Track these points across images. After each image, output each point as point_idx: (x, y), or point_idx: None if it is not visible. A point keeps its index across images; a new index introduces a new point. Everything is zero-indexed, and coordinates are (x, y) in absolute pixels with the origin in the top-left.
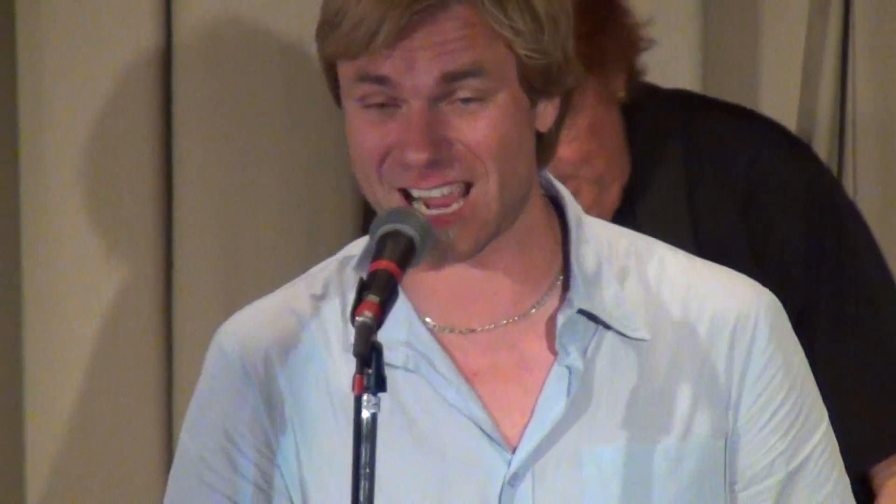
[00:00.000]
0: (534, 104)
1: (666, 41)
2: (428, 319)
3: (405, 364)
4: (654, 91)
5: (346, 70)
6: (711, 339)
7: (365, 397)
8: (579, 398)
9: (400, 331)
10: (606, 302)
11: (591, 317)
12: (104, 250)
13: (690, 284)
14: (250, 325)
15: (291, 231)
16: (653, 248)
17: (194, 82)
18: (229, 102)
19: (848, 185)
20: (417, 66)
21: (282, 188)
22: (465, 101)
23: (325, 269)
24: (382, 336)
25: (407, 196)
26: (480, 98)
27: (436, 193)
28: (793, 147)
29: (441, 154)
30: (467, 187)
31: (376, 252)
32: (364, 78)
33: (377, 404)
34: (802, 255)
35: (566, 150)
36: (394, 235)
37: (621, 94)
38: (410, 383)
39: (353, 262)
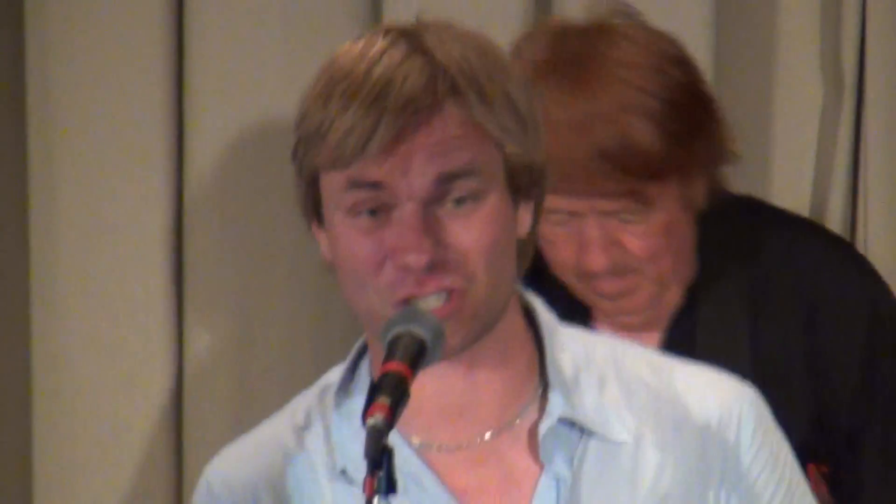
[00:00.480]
0: (516, 207)
1: None
2: (413, 439)
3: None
4: (722, 196)
5: (333, 181)
6: (697, 439)
7: (376, 500)
8: None
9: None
10: (587, 408)
11: (574, 424)
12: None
13: (672, 385)
14: (237, 463)
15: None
16: (630, 352)
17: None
18: (243, 173)
19: (860, 249)
20: (413, 169)
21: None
22: (459, 201)
23: (305, 399)
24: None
25: (405, 303)
26: (474, 198)
27: (432, 301)
28: (857, 265)
29: (440, 256)
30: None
31: (388, 354)
32: (356, 185)
33: None
34: (859, 375)
35: (636, 244)
36: (405, 337)
37: (700, 202)
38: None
39: (333, 389)
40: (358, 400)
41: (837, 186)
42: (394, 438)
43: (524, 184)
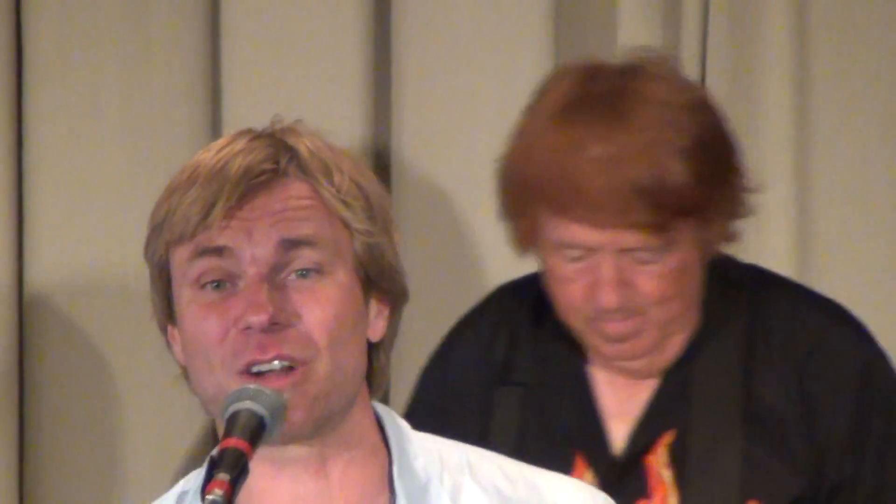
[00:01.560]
0: (366, 301)
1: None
2: None
3: None
4: (728, 259)
5: (180, 255)
6: None
7: None
8: None
9: None
10: None
11: None
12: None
13: (531, 490)
14: None
15: None
16: (486, 457)
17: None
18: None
19: None
20: (255, 235)
21: None
22: (303, 274)
23: (178, 486)
24: None
25: (249, 375)
26: (318, 270)
27: (276, 365)
28: (856, 329)
29: (281, 318)
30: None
31: (226, 431)
32: (201, 252)
33: None
34: (848, 428)
35: (648, 284)
36: (244, 414)
37: (715, 249)
38: None
39: (189, 496)
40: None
41: None
42: None
43: (375, 275)
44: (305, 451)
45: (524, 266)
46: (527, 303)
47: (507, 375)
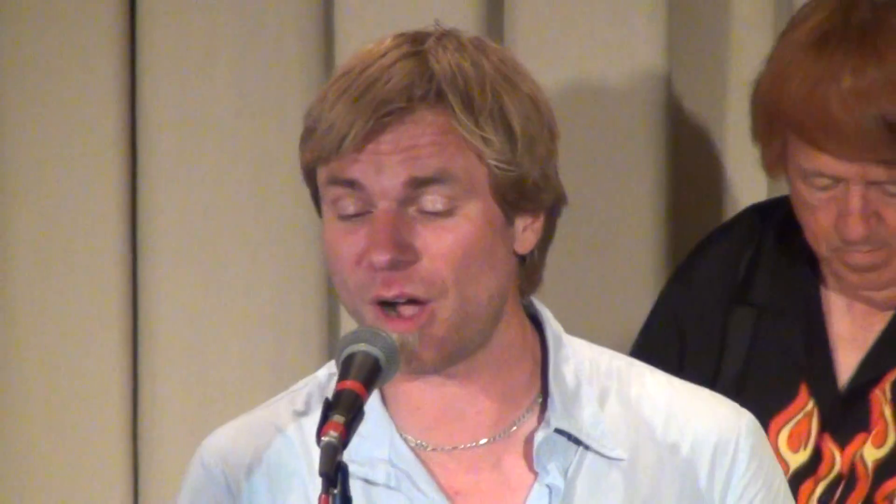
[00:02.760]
0: (510, 221)
1: (633, 134)
2: (409, 437)
3: (387, 482)
4: None
5: (321, 174)
6: (692, 461)
7: None
8: None
9: (381, 448)
10: (584, 422)
11: (571, 437)
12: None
13: (672, 406)
14: (233, 440)
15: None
16: (634, 369)
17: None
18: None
19: None
20: (385, 170)
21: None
22: (432, 211)
23: (307, 386)
24: (365, 453)
25: (382, 305)
26: (447, 208)
27: (400, 301)
28: None
29: (404, 257)
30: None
31: (342, 372)
32: (334, 181)
33: None
34: None
35: (892, 218)
36: (359, 356)
37: None
38: (392, 501)
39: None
40: None
41: None
42: (390, 434)
43: (515, 199)
44: (448, 369)
45: None
46: (773, 224)
47: (745, 295)
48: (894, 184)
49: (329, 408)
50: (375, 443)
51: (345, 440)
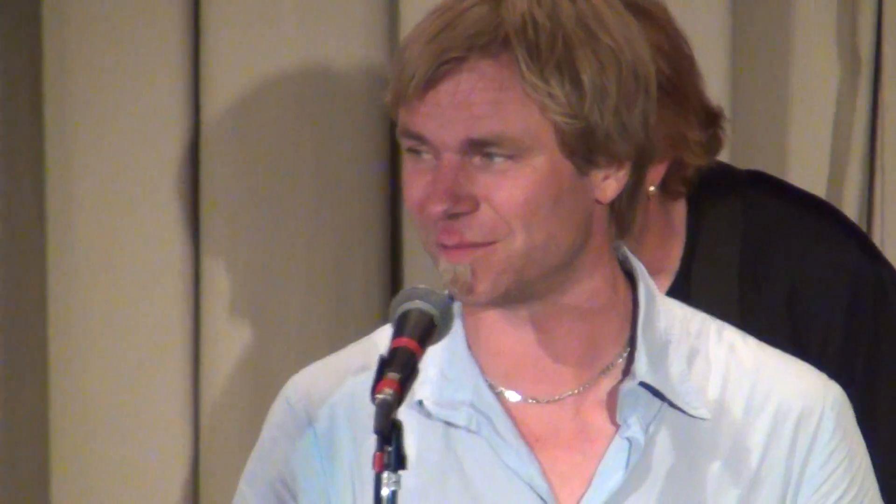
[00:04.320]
0: (583, 172)
1: None
2: (493, 383)
3: (468, 424)
4: (730, 171)
5: (399, 117)
6: (775, 427)
7: (385, 475)
8: (638, 471)
9: (465, 391)
10: (671, 378)
11: (656, 392)
12: (133, 253)
13: (758, 371)
14: (318, 379)
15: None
16: (725, 332)
17: (222, 147)
18: (257, 173)
19: (877, 228)
20: (444, 125)
21: (310, 261)
22: (495, 158)
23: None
24: (448, 395)
25: (443, 248)
26: (510, 157)
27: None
28: (844, 236)
29: (460, 209)
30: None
31: (396, 329)
32: (406, 133)
33: (398, 482)
34: (840, 342)
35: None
36: (414, 313)
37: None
38: (471, 444)
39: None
40: (449, 339)
41: (854, 165)
42: (474, 377)
43: (586, 151)
44: (524, 311)
45: None
46: None
47: None
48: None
49: (384, 365)
50: (458, 386)
51: (400, 397)
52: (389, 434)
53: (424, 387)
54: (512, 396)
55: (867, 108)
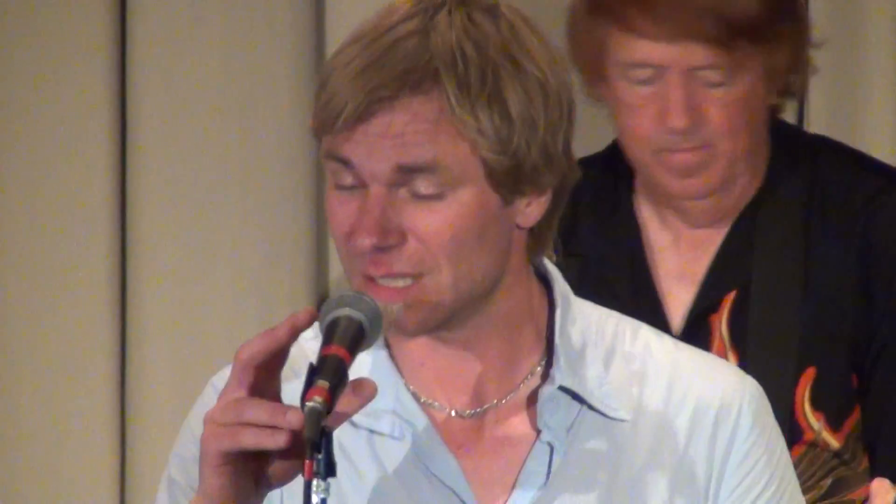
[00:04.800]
0: (508, 202)
1: None
2: (415, 391)
3: (391, 432)
4: (796, 130)
5: (323, 143)
6: (693, 426)
7: (315, 482)
8: (560, 475)
9: (387, 399)
10: (589, 381)
11: (574, 395)
12: (59, 254)
13: (675, 369)
14: None
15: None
16: (639, 332)
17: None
18: (184, 176)
19: None
20: (374, 154)
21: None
22: (421, 196)
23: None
24: (371, 404)
25: (369, 280)
26: (438, 194)
27: (387, 283)
28: None
29: (389, 242)
30: (419, 277)
31: (326, 337)
32: (331, 157)
33: (327, 489)
34: None
35: (716, 112)
36: (343, 320)
37: (775, 97)
38: (396, 452)
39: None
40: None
41: None
42: (396, 385)
43: (512, 183)
44: (447, 334)
45: None
46: (588, 181)
47: (567, 247)
48: (714, 69)
49: (313, 373)
50: (381, 394)
51: (329, 405)
52: (319, 442)
53: None
54: (435, 406)
55: None
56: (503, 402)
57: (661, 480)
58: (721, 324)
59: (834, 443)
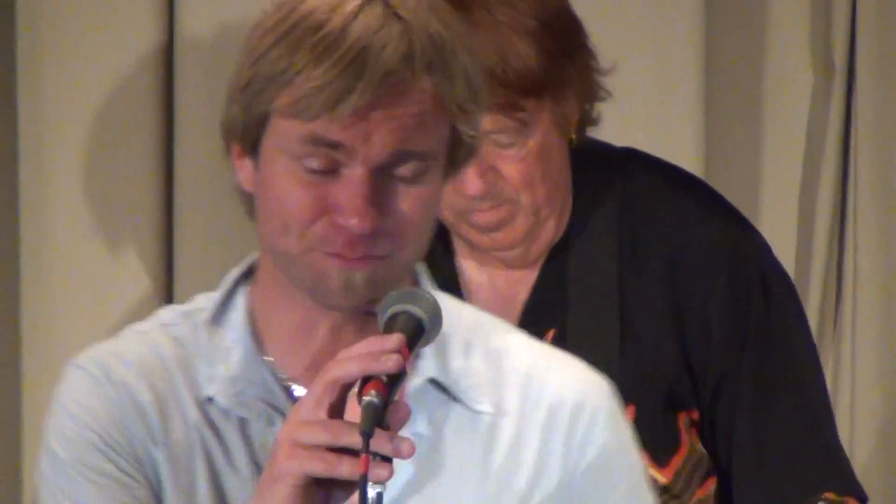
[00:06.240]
0: (444, 183)
1: (668, 128)
2: (285, 377)
3: (261, 419)
4: (605, 147)
5: (290, 129)
6: (550, 422)
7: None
8: (426, 466)
9: (256, 387)
10: (453, 373)
11: (441, 387)
12: (105, 254)
13: (533, 364)
14: (112, 352)
15: None
16: (496, 325)
17: (197, 86)
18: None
19: (849, 263)
20: (373, 138)
21: None
22: (406, 176)
23: (173, 317)
24: (240, 390)
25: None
26: (418, 177)
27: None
28: (719, 212)
29: (379, 226)
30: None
31: (385, 331)
32: (315, 141)
33: (384, 483)
34: (727, 320)
35: (511, 169)
36: (402, 317)
37: (571, 134)
38: (269, 437)
39: (204, 317)
40: (230, 333)
41: (828, 170)
42: (263, 373)
43: (464, 159)
44: (349, 314)
45: None
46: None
47: None
48: (503, 133)
49: None
50: (249, 382)
51: (386, 399)
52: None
53: (214, 383)
54: (304, 392)
55: (840, 114)
56: None
57: (522, 474)
58: None
59: (661, 478)
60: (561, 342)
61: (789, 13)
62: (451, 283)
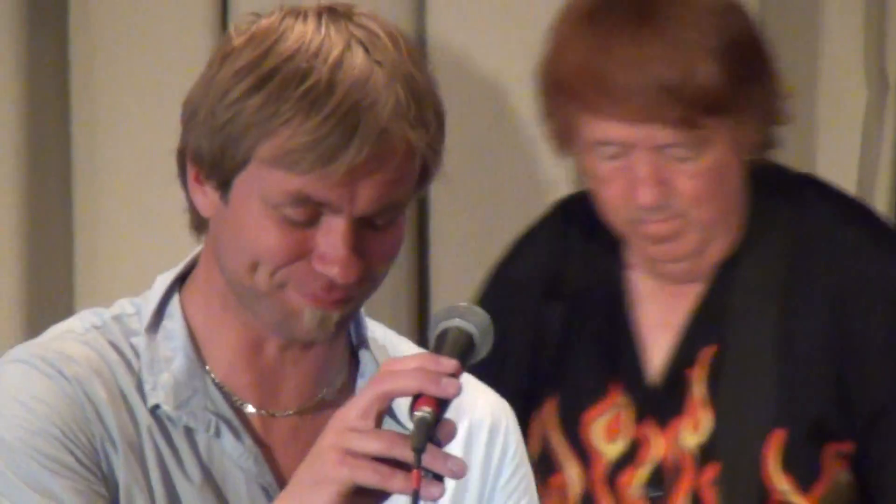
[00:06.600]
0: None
1: None
2: (229, 390)
3: (206, 429)
4: (782, 171)
5: (274, 179)
6: (470, 439)
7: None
8: None
9: (199, 397)
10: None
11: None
12: (156, 257)
13: None
14: (55, 350)
15: None
16: (404, 342)
17: None
18: None
19: None
20: (361, 193)
21: None
22: (382, 224)
23: (102, 322)
24: (184, 399)
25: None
26: (392, 221)
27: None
28: (892, 247)
29: (365, 275)
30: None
31: (436, 348)
32: (302, 199)
33: (436, 501)
34: (890, 353)
35: (686, 184)
36: (453, 332)
37: (751, 150)
38: (214, 450)
39: (142, 325)
40: (169, 342)
41: (882, 185)
42: (206, 385)
43: (422, 188)
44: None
45: None
46: (579, 216)
47: (556, 289)
48: (681, 147)
49: None
50: (193, 392)
51: (437, 415)
52: (422, 450)
53: (158, 391)
54: (249, 408)
55: (894, 129)
56: (319, 402)
57: (448, 490)
58: (697, 378)
59: None
60: (721, 359)
61: (843, 27)
62: (619, 294)
